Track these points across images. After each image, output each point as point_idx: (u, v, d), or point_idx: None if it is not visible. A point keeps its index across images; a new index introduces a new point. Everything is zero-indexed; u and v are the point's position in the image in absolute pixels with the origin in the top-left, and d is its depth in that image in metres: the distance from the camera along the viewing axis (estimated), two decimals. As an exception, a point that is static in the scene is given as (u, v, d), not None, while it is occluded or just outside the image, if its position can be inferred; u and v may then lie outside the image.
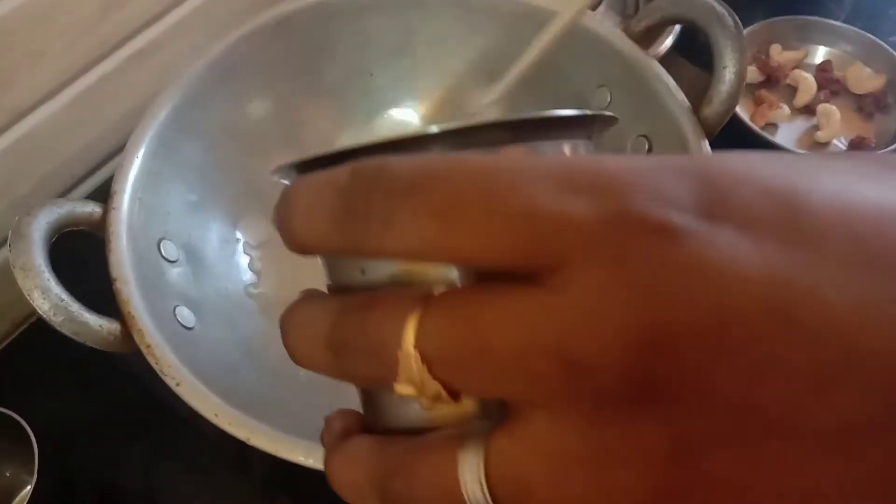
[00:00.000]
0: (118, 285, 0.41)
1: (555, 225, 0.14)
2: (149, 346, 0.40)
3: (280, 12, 0.52)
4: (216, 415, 0.38)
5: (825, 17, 0.73)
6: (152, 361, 0.39)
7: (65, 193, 0.61)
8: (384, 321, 0.15)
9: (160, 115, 0.48)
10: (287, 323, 0.17)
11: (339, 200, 0.15)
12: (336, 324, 0.16)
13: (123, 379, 0.53)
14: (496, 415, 0.16)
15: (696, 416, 0.14)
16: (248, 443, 0.37)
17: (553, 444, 0.14)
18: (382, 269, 0.17)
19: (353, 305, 0.16)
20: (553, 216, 0.14)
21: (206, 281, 0.49)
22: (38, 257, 0.39)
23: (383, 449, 0.17)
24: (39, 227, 0.40)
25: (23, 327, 0.60)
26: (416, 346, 0.14)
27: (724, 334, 0.13)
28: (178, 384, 0.39)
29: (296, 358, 0.17)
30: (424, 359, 0.14)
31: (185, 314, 0.45)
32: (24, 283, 0.38)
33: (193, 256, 0.49)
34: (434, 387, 0.15)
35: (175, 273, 0.47)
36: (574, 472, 0.14)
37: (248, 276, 0.52)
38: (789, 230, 0.14)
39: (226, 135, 0.53)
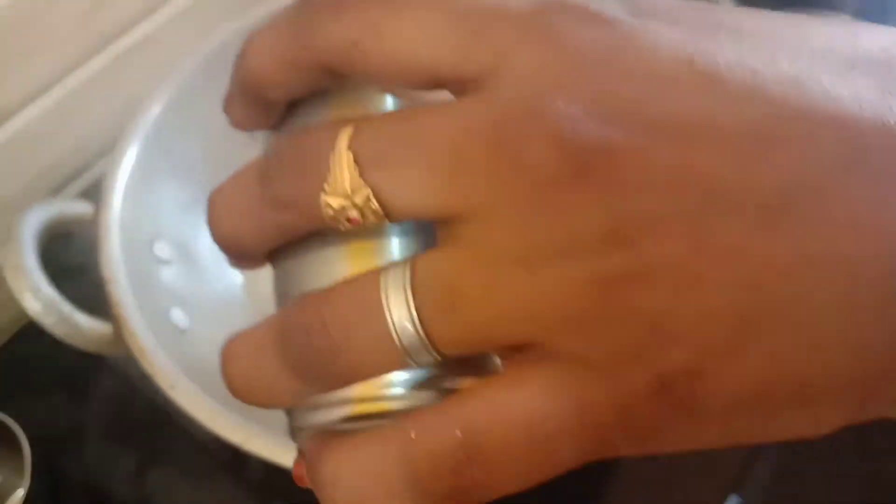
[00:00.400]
0: (110, 286, 0.41)
1: (493, 14, 0.14)
2: (141, 349, 0.39)
3: (275, 7, 0.51)
4: (211, 419, 0.37)
5: (832, 11, 0.72)
6: (145, 364, 0.39)
7: (56, 192, 0.60)
8: (318, 136, 0.15)
9: (152, 111, 0.47)
10: (216, 190, 0.17)
11: (294, 9, 0.16)
12: (269, 156, 0.16)
13: (116, 383, 0.53)
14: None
15: (632, 191, 0.13)
16: (244, 448, 0.36)
17: (485, 246, 0.14)
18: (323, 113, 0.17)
19: (288, 137, 0.16)
20: (492, 8, 0.14)
21: (199, 282, 0.48)
22: (30, 258, 0.38)
23: (291, 306, 0.16)
24: (30, 227, 0.40)
25: (14, 331, 0.59)
26: (350, 147, 0.14)
27: (655, 103, 0.13)
28: (172, 387, 0.38)
29: (218, 213, 0.17)
30: (357, 160, 0.14)
31: (178, 316, 0.44)
32: (14, 283, 0.38)
33: (187, 256, 0.48)
34: (364, 192, 0.14)
35: (168, 274, 0.46)
36: (508, 271, 0.13)
37: (241, 277, 0.51)
38: (713, 27, 0.14)
39: (219, 132, 0.52)
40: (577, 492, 0.51)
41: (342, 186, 0.14)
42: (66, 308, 0.39)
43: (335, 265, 0.16)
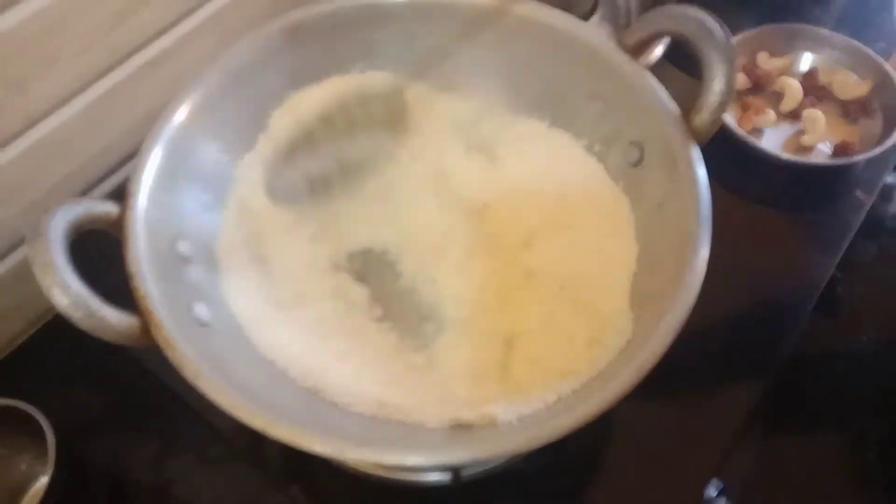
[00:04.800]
0: (136, 281, 0.42)
1: None
2: (167, 341, 0.40)
3: (289, 22, 0.54)
4: (234, 406, 0.38)
5: (813, 24, 0.75)
6: (170, 355, 0.40)
7: (82, 195, 0.61)
8: None
9: (174, 117, 0.49)
10: None
11: None
12: None
13: (137, 373, 0.55)
14: None
15: None
16: (266, 433, 0.38)
17: None
18: None
19: None
20: None
21: (220, 278, 0.50)
22: (58, 255, 0.39)
23: None
24: (58, 225, 0.40)
25: (39, 324, 0.61)
26: None
27: None
28: (196, 377, 0.39)
29: None
30: None
31: (200, 310, 0.45)
32: (43, 279, 0.38)
33: (208, 255, 0.50)
34: None
35: (190, 270, 0.47)
36: None
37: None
38: None
39: (239, 137, 0.54)
40: (562, 476, 0.53)
41: None
42: (95, 303, 0.39)
43: None
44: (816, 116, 0.70)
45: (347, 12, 0.55)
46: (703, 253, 0.43)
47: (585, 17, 0.73)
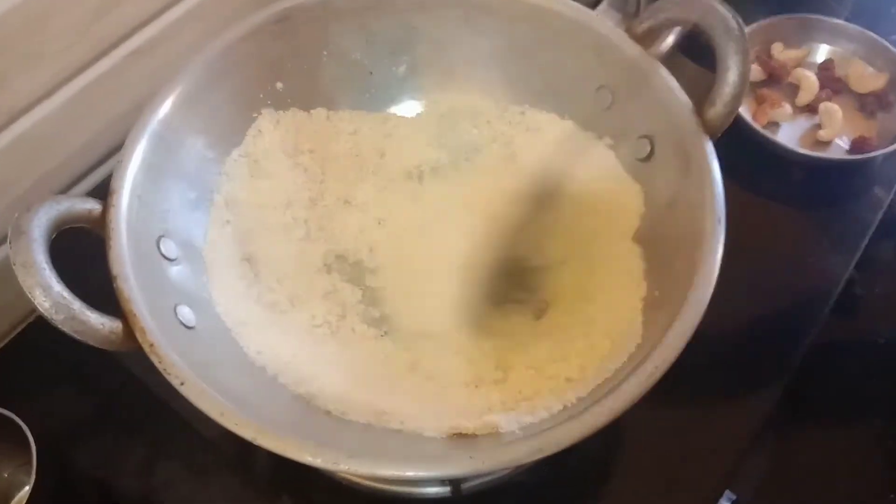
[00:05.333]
0: (119, 283, 0.41)
1: None
2: (151, 345, 0.39)
3: (279, 9, 0.52)
4: (222, 414, 0.37)
5: (827, 15, 0.73)
6: (155, 360, 0.39)
7: (64, 191, 0.61)
8: None
9: (159, 111, 0.47)
10: None
11: None
12: None
13: (121, 378, 0.54)
14: None
15: None
16: (255, 442, 0.36)
17: None
18: None
19: None
20: None
21: (207, 279, 0.48)
22: (39, 254, 0.38)
23: None
24: (39, 223, 0.39)
25: (20, 327, 0.60)
26: None
27: None
28: (182, 383, 0.38)
29: None
30: None
31: (185, 313, 0.44)
32: (24, 280, 0.37)
33: (193, 255, 0.48)
34: None
35: (175, 271, 0.46)
36: None
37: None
38: None
39: (225, 132, 0.52)
40: (567, 488, 0.52)
41: None
42: (76, 305, 0.38)
43: None
44: (833, 110, 0.68)
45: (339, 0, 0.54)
46: (717, 253, 0.41)
47: (593, 5, 0.72)
